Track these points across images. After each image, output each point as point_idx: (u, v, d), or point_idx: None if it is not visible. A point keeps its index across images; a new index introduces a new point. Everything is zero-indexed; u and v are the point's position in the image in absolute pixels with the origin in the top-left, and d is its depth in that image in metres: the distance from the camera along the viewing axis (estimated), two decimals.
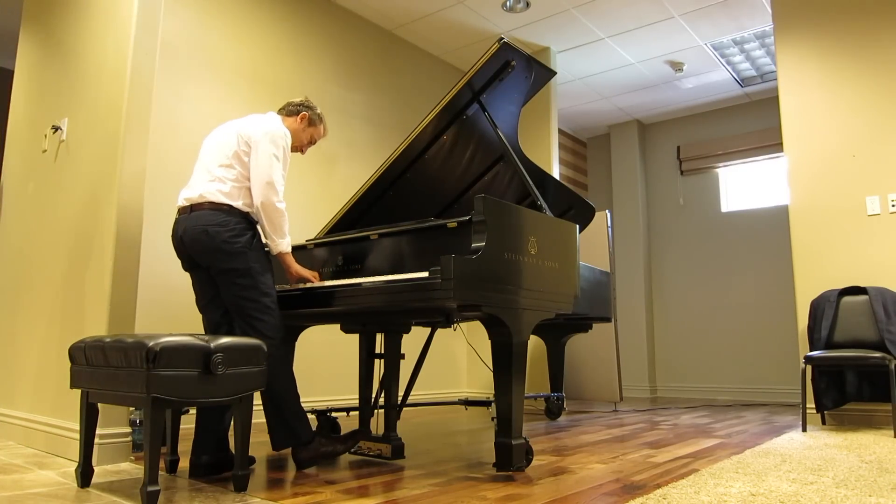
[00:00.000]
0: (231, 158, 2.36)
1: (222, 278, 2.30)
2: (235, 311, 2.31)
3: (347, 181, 4.70)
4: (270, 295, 2.32)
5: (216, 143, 2.43)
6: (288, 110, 2.61)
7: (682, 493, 1.92)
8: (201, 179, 2.37)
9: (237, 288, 2.28)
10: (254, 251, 2.32)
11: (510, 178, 3.18)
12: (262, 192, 2.31)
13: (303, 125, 2.62)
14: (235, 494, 1.97)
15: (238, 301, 2.29)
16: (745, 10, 4.91)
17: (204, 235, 2.27)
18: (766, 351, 6.25)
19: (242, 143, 2.36)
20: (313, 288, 2.44)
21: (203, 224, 2.28)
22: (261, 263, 2.33)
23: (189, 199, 2.35)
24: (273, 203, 2.32)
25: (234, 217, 2.31)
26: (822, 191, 4.05)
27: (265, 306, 2.29)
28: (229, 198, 2.32)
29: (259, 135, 2.36)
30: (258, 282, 2.29)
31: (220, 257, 2.28)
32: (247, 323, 2.28)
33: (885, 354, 3.39)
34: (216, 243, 2.26)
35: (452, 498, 1.92)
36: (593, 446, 2.99)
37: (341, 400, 4.38)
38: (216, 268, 2.30)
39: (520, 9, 4.90)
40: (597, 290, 3.68)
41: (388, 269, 2.53)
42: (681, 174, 7.07)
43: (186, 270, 2.44)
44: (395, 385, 2.59)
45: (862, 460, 2.53)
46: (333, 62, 4.76)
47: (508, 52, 2.66)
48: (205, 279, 2.40)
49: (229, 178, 2.34)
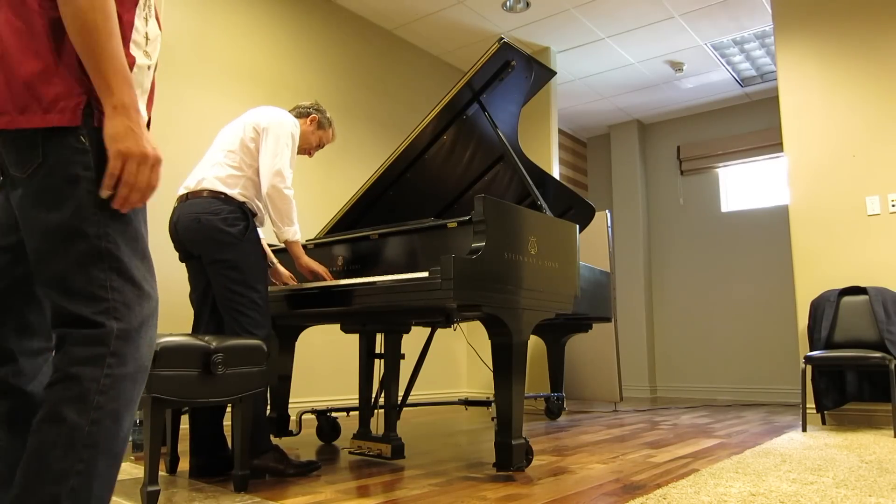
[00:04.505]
0: (236, 145, 2.33)
1: (212, 269, 2.25)
2: (223, 304, 2.24)
3: (347, 181, 4.70)
4: (259, 291, 2.25)
5: (224, 134, 2.42)
6: (298, 112, 2.60)
7: (682, 493, 1.92)
8: (203, 167, 2.35)
9: (225, 280, 2.22)
10: (246, 243, 2.26)
11: (510, 178, 3.18)
12: (270, 179, 2.27)
13: (312, 127, 2.61)
14: (235, 494, 1.97)
15: (226, 294, 2.22)
16: (745, 10, 4.91)
17: (196, 223, 2.23)
18: (766, 351, 6.25)
19: (250, 130, 2.34)
20: (329, 286, 2.41)
21: (196, 212, 2.24)
22: (253, 256, 2.26)
23: (188, 188, 2.32)
24: (280, 189, 2.28)
25: (228, 206, 2.25)
26: (822, 191, 4.05)
27: (252, 301, 2.22)
28: (226, 185, 2.27)
29: (267, 122, 2.34)
30: (247, 276, 2.23)
31: (211, 246, 2.23)
32: (232, 318, 2.22)
33: (885, 354, 3.39)
34: (207, 232, 2.22)
35: (452, 498, 1.92)
36: (593, 446, 2.99)
37: (341, 400, 4.38)
38: (207, 258, 2.25)
39: (520, 9, 4.90)
40: (597, 290, 3.68)
41: (388, 268, 2.53)
42: (681, 174, 7.07)
43: (182, 261, 2.41)
44: (395, 385, 2.59)
45: (862, 460, 2.53)
46: (333, 62, 4.76)
47: (508, 52, 2.66)
48: (198, 270, 2.36)
49: (230, 165, 2.30)
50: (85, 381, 0.96)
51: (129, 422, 1.01)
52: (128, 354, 1.00)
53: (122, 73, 0.98)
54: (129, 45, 1.07)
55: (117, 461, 0.99)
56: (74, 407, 0.94)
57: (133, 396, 1.01)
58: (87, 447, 0.95)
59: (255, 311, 2.24)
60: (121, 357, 0.99)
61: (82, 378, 0.96)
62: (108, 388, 0.97)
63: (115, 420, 0.98)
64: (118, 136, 0.98)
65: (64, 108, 0.97)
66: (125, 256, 1.02)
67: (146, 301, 1.04)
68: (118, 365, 0.98)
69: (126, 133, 0.98)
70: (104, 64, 0.97)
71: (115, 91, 0.98)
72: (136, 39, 1.09)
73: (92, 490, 0.95)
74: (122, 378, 0.99)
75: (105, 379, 0.97)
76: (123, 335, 0.99)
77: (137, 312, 1.02)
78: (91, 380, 0.96)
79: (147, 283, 1.05)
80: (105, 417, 0.96)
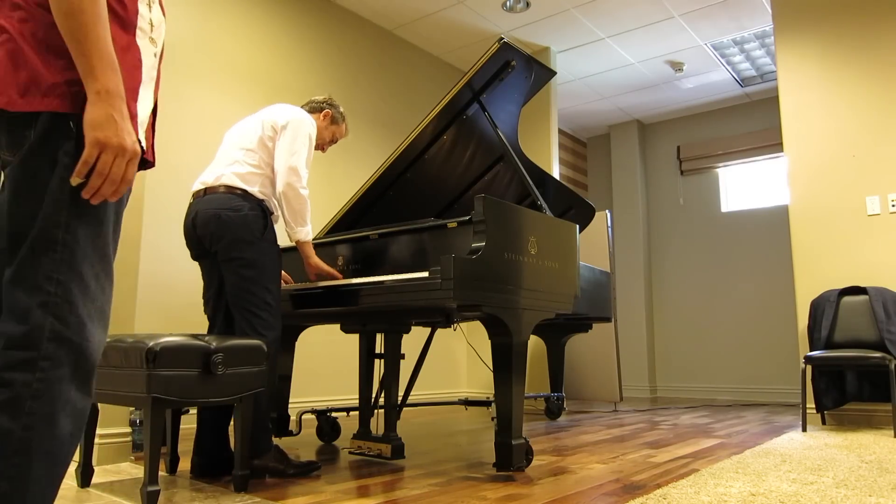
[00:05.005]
0: (255, 143, 2.31)
1: (227, 266, 2.23)
2: (235, 303, 2.23)
3: (348, 181, 4.70)
4: (273, 292, 2.25)
5: (240, 130, 2.39)
6: (311, 107, 2.58)
7: (682, 493, 1.92)
8: (220, 163, 2.32)
9: (240, 278, 2.21)
10: (264, 242, 2.25)
11: (510, 178, 3.18)
12: (286, 177, 2.26)
13: (325, 122, 2.60)
14: (235, 494, 1.97)
15: (239, 292, 2.22)
16: (745, 10, 4.91)
17: (215, 219, 2.21)
18: (766, 351, 6.25)
19: (268, 129, 2.33)
20: (329, 286, 2.40)
21: (215, 207, 2.22)
22: (269, 257, 2.25)
23: (204, 183, 2.29)
24: (296, 188, 2.27)
25: (248, 202, 2.24)
26: (822, 191, 4.05)
27: (265, 302, 2.22)
28: (245, 182, 2.26)
29: (286, 120, 2.33)
30: (263, 275, 2.22)
31: (229, 243, 2.21)
32: (243, 317, 2.21)
33: (885, 354, 3.39)
34: (228, 228, 2.20)
35: (452, 498, 1.92)
36: (593, 446, 2.99)
37: (341, 400, 4.38)
38: (223, 254, 2.23)
39: (520, 9, 4.90)
40: (597, 290, 3.68)
41: (388, 268, 2.53)
42: (681, 174, 7.07)
43: (195, 259, 2.39)
44: (395, 385, 2.59)
45: (862, 460, 2.53)
46: (333, 62, 4.76)
47: (508, 52, 2.66)
48: (212, 268, 2.35)
49: (249, 163, 2.29)
50: (17, 386, 0.92)
51: (71, 421, 0.98)
52: (62, 356, 0.95)
53: (107, 59, 0.95)
54: (135, 33, 1.05)
55: (58, 462, 0.96)
56: (6, 413, 0.91)
57: (71, 397, 0.97)
58: (18, 453, 0.92)
59: (267, 311, 2.23)
60: (54, 360, 0.95)
61: (14, 383, 0.92)
62: (41, 392, 0.93)
63: (51, 423, 0.94)
64: (97, 123, 0.94)
65: (62, 93, 0.96)
66: (80, 251, 0.98)
67: (91, 302, 0.99)
68: (52, 368, 0.94)
69: (107, 121, 0.95)
70: (89, 48, 0.94)
71: (98, 76, 0.95)
72: (141, 26, 1.08)
73: (27, 494, 0.92)
74: (58, 380, 0.95)
75: (38, 383, 0.93)
76: (56, 336, 0.95)
77: (79, 311, 0.97)
78: (23, 385, 0.93)
79: (97, 282, 1.00)
80: (38, 422, 0.93)
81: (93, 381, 1.01)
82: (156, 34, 1.11)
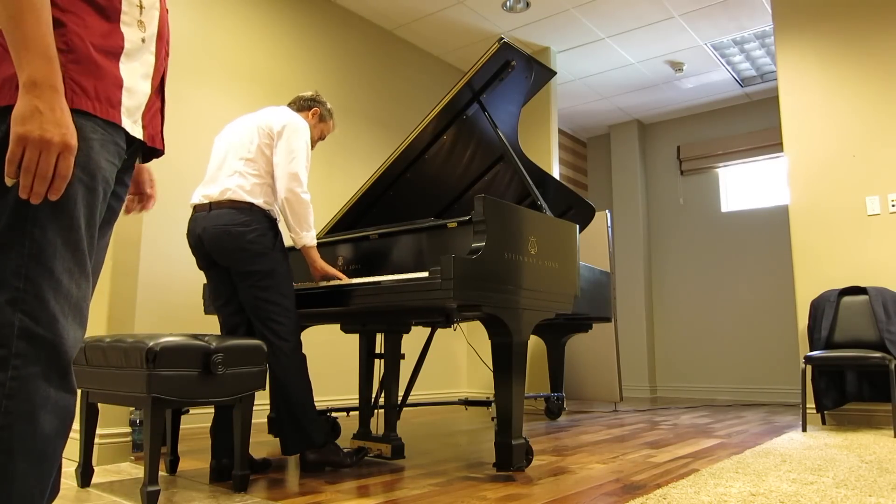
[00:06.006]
0: (254, 152, 2.32)
1: (243, 280, 2.27)
2: (253, 312, 2.27)
3: (347, 181, 4.70)
4: (289, 297, 2.30)
5: (236, 137, 2.38)
6: (299, 105, 2.58)
7: (682, 493, 1.92)
8: (222, 175, 2.32)
9: (257, 290, 2.25)
10: (276, 252, 2.29)
11: (510, 178, 3.18)
12: (287, 183, 2.27)
13: (314, 121, 2.59)
14: (235, 494, 1.97)
15: (257, 303, 2.25)
16: (745, 10, 4.91)
17: (226, 236, 2.23)
18: (766, 351, 6.25)
19: (264, 136, 2.33)
20: (328, 286, 2.41)
21: (224, 223, 2.24)
22: (282, 265, 2.30)
23: (208, 197, 2.30)
24: (298, 194, 2.28)
25: (255, 216, 2.27)
26: (822, 191, 4.05)
27: (284, 309, 2.27)
28: (251, 195, 2.27)
29: (280, 125, 2.33)
30: (279, 284, 2.27)
31: (244, 258, 2.24)
32: (264, 325, 2.25)
33: (885, 354, 3.39)
34: (239, 244, 2.23)
35: (452, 498, 1.92)
36: (593, 446, 2.99)
37: (341, 400, 4.38)
38: (238, 269, 2.26)
39: (520, 9, 4.90)
40: (597, 290, 3.68)
41: (388, 268, 2.53)
42: (681, 174, 7.07)
43: (202, 269, 2.41)
44: (395, 385, 2.59)
45: (862, 460, 2.53)
46: (333, 62, 4.76)
47: (508, 52, 2.66)
48: (221, 279, 2.37)
49: (251, 174, 2.29)
50: None
51: (54, 417, 0.95)
52: (34, 354, 0.92)
53: (35, 48, 0.88)
54: (119, 19, 1.02)
55: (44, 458, 0.94)
56: None
57: (50, 394, 0.94)
58: None
59: (287, 317, 2.28)
60: (26, 357, 0.92)
61: None
62: (16, 391, 0.91)
63: (31, 421, 0.92)
64: (21, 117, 0.88)
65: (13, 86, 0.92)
66: (50, 245, 0.94)
67: (63, 297, 0.96)
68: (24, 366, 0.92)
69: (31, 115, 0.88)
70: (17, 37, 0.88)
71: (24, 66, 0.88)
72: (126, 11, 1.05)
73: (12, 492, 0.91)
74: (32, 378, 0.92)
75: (12, 382, 0.91)
76: (26, 333, 0.92)
77: (51, 307, 0.94)
78: None
79: (70, 277, 0.97)
80: (17, 421, 0.91)
81: (71, 377, 0.99)
82: (146, 17, 1.08)
